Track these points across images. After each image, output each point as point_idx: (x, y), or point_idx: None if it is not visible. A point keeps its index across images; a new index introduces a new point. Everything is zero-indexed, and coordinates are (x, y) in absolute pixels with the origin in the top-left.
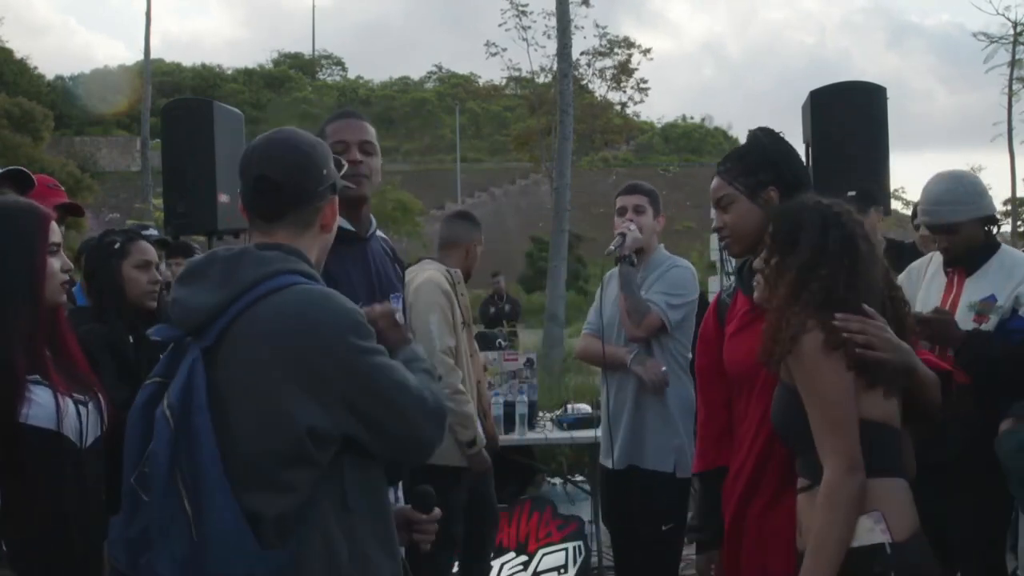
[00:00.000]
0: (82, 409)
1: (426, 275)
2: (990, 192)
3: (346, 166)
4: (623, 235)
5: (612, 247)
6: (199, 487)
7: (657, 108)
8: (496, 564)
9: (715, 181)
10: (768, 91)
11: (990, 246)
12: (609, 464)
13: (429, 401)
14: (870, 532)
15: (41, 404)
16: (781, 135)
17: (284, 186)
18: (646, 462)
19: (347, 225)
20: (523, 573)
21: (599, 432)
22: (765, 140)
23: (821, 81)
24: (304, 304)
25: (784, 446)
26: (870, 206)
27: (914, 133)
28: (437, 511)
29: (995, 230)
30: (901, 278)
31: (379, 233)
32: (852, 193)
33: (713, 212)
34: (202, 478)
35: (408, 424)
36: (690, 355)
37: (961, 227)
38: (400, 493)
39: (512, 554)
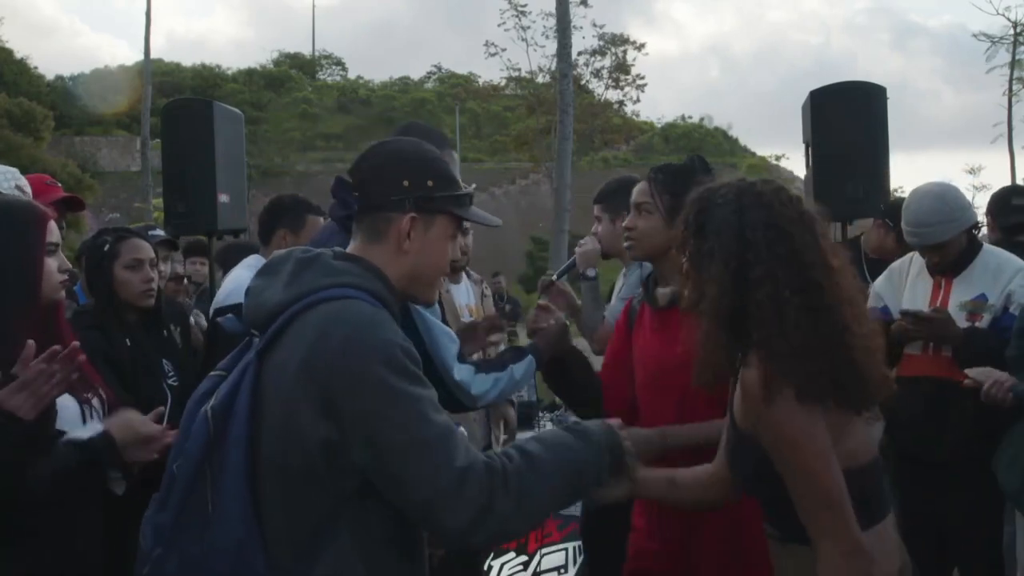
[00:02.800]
0: (86, 408)
1: None
2: (990, 192)
3: (471, 191)
4: (573, 259)
5: (556, 274)
6: (221, 494)
7: (662, 109)
8: (496, 564)
9: (644, 185)
10: (772, 92)
11: (973, 247)
12: None
13: (456, 476)
14: None
15: (61, 407)
16: (709, 168)
17: (356, 186)
18: None
19: None
20: (523, 573)
21: None
22: (696, 165)
23: (826, 82)
24: (342, 320)
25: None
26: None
27: (916, 133)
28: None
29: (978, 233)
30: (881, 279)
31: None
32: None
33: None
34: (225, 486)
35: (407, 489)
36: None
37: (949, 243)
38: None
39: (512, 554)
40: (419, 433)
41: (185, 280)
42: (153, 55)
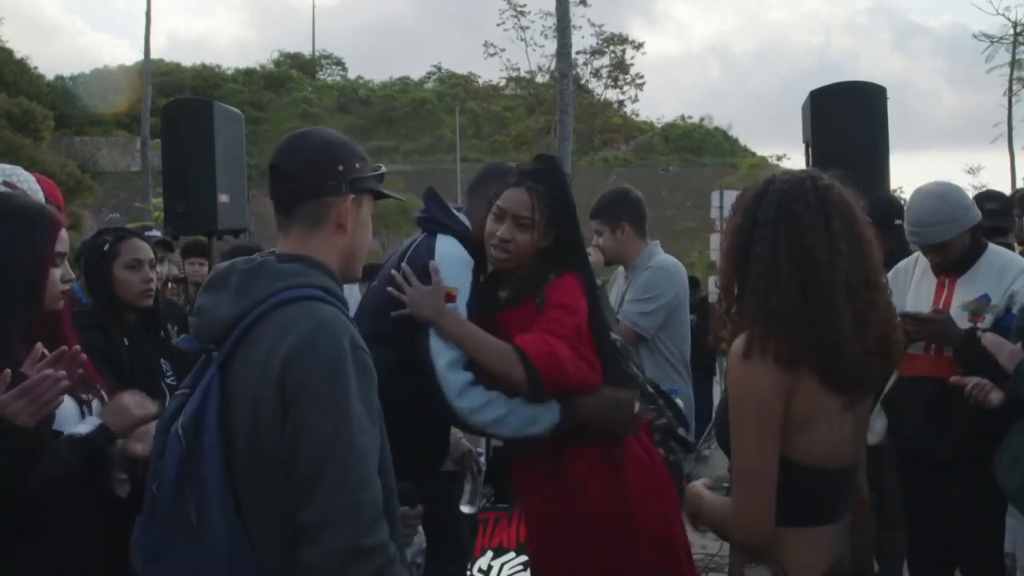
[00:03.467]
0: (86, 409)
1: None
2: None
3: (385, 171)
4: None
5: None
6: (203, 505)
7: (664, 109)
8: (496, 564)
9: (524, 196)
10: (774, 92)
11: (978, 247)
12: None
13: (360, 513)
14: None
15: (63, 407)
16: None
17: (293, 176)
18: None
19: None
20: (523, 573)
21: None
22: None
23: (827, 82)
24: (298, 322)
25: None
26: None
27: (917, 133)
28: (420, 507)
29: (981, 232)
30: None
31: None
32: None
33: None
34: (206, 497)
35: (314, 503)
36: (686, 352)
37: (951, 242)
38: None
39: (512, 554)
40: (334, 449)
41: (170, 285)
42: (155, 55)
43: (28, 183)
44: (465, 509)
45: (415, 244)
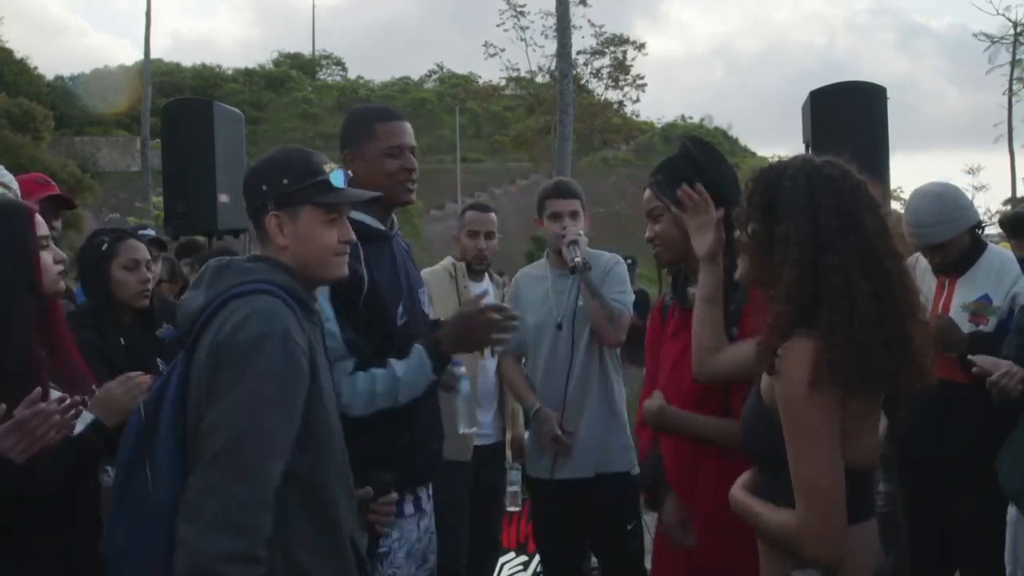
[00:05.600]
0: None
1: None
2: (989, 192)
3: (326, 176)
4: (575, 242)
5: (575, 259)
6: (155, 469)
7: (668, 109)
8: (497, 564)
9: (647, 193)
10: (777, 92)
11: (978, 247)
12: (546, 474)
13: (239, 493)
14: None
15: None
16: (710, 145)
17: (244, 200)
18: (607, 465)
19: (378, 224)
20: (523, 573)
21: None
22: (693, 151)
23: (832, 82)
24: (239, 309)
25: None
26: None
27: (920, 133)
28: (394, 495)
29: (981, 232)
30: None
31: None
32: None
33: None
34: (157, 461)
35: (198, 470)
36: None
37: (950, 243)
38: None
39: (512, 554)
40: (240, 426)
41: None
42: (158, 55)
43: (2, 176)
44: (463, 430)
45: None
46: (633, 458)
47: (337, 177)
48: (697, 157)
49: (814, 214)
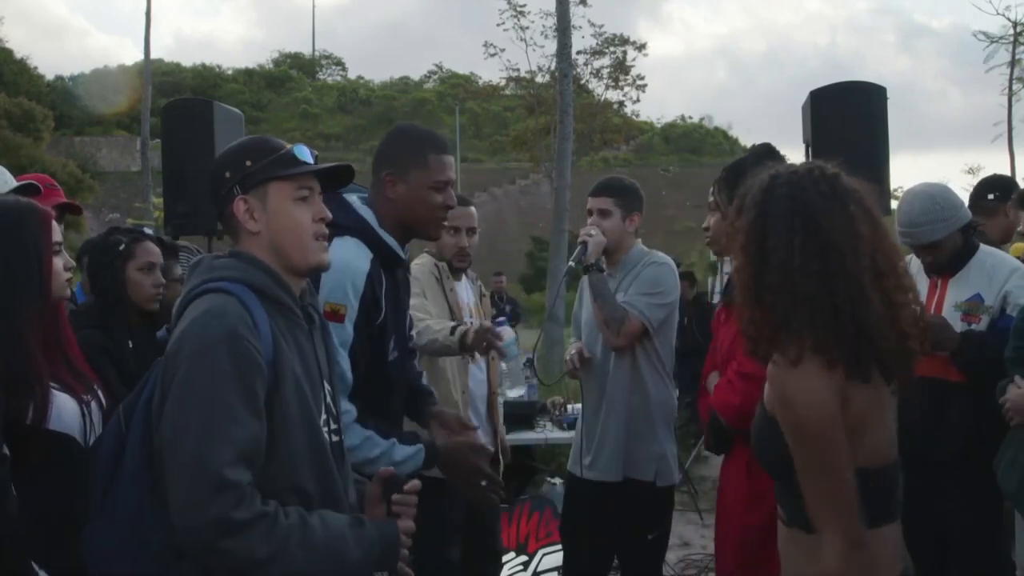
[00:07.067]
0: (85, 409)
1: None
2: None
3: (288, 150)
4: (584, 243)
5: (573, 260)
6: (123, 482)
7: (671, 109)
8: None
9: (713, 184)
10: (780, 92)
11: (970, 247)
12: (578, 471)
13: (205, 466)
14: None
15: (61, 408)
16: (777, 151)
17: (212, 200)
18: (632, 472)
19: (400, 252)
20: (523, 573)
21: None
22: (762, 153)
23: (833, 82)
24: (192, 311)
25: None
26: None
27: (922, 133)
28: (416, 483)
29: (973, 232)
30: None
31: None
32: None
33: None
34: (125, 467)
35: (168, 482)
36: (672, 355)
37: (942, 242)
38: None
39: (512, 554)
40: (184, 432)
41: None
42: (159, 55)
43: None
44: (510, 394)
45: None
46: (658, 469)
47: (301, 151)
48: (761, 159)
49: (764, 205)
